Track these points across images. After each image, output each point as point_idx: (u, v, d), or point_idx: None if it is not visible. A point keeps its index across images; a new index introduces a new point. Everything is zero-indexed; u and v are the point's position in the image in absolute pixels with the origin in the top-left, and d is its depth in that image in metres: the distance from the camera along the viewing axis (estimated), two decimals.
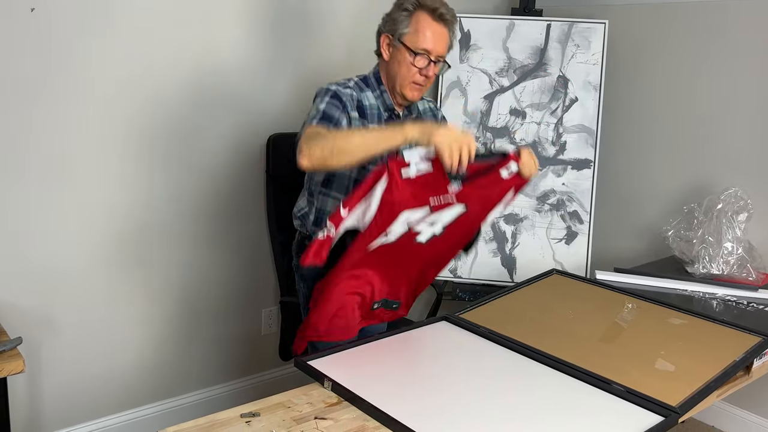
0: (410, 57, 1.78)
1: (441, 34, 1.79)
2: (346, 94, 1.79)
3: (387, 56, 1.84)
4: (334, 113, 1.75)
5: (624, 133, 3.09)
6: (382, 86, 1.87)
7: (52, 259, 2.23)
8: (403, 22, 1.78)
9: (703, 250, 2.49)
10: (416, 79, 1.80)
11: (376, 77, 1.89)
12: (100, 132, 2.24)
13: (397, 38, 1.79)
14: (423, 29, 1.77)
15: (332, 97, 1.78)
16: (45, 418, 2.32)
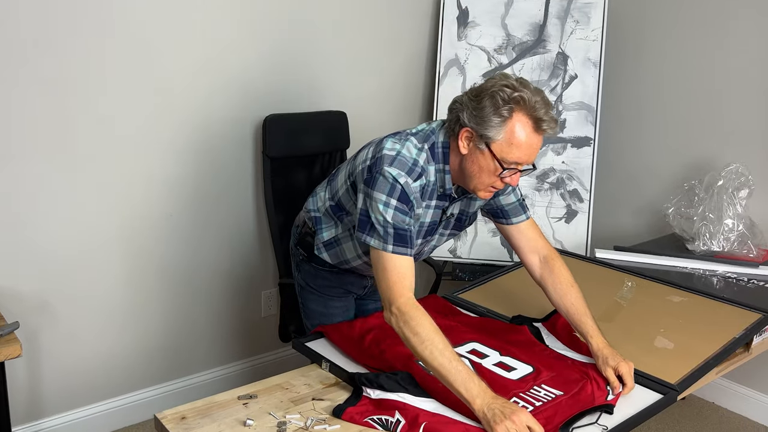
0: (497, 168, 1.49)
1: (537, 145, 1.49)
2: (414, 194, 1.52)
3: (464, 151, 1.52)
4: (404, 228, 1.51)
5: (624, 109, 3.06)
6: (447, 165, 1.57)
7: (50, 244, 2.22)
8: (496, 128, 1.46)
9: (703, 227, 2.48)
10: (496, 186, 1.54)
11: (444, 151, 1.57)
12: (96, 117, 2.22)
13: (484, 142, 1.48)
14: (519, 142, 1.46)
15: (401, 197, 1.50)
16: (45, 402, 2.32)
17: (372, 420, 1.36)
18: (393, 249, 1.50)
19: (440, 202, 1.63)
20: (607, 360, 1.54)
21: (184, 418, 1.36)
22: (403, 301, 1.46)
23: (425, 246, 1.74)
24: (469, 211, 1.73)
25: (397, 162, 1.53)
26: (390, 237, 1.50)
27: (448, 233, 1.76)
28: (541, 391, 1.47)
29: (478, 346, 1.65)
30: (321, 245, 1.80)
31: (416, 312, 1.44)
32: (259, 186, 2.65)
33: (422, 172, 1.55)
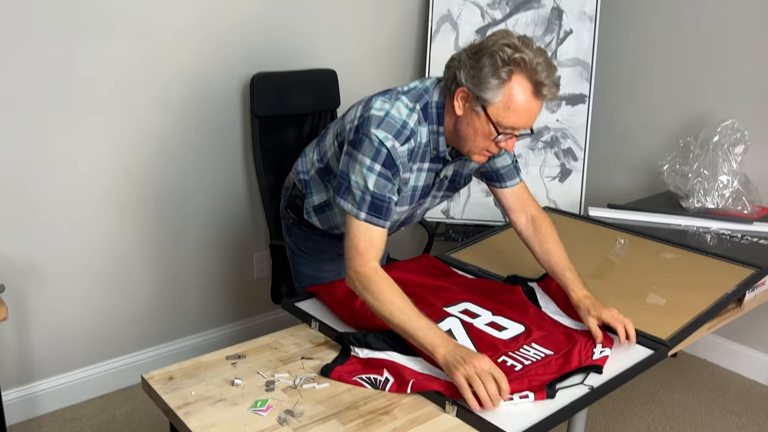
0: (492, 132, 1.44)
1: (536, 110, 1.43)
2: (401, 158, 1.48)
3: (460, 112, 1.46)
4: (384, 197, 1.47)
5: (620, 66, 3.01)
6: (441, 126, 1.52)
7: (35, 207, 2.19)
8: (493, 90, 1.39)
9: (698, 184, 2.45)
10: (491, 149, 1.48)
11: (438, 112, 1.52)
12: (77, 78, 2.17)
13: (480, 104, 1.42)
14: (516, 107, 1.39)
15: (386, 163, 1.46)
16: (35, 366, 2.32)
17: (360, 379, 1.35)
18: (366, 217, 1.47)
19: (433, 164, 1.59)
20: (588, 310, 1.53)
21: (171, 379, 1.35)
22: (365, 268, 1.44)
23: (417, 209, 1.71)
24: (463, 173, 1.69)
25: (385, 124, 1.47)
26: (365, 204, 1.46)
27: (441, 195, 1.73)
28: (530, 351, 1.47)
29: (470, 306, 1.64)
30: (311, 209, 1.77)
31: (377, 276, 1.43)
32: (248, 146, 2.61)
33: (411, 135, 1.49)
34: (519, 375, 1.37)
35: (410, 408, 1.28)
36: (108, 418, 2.35)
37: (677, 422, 2.45)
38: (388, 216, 1.49)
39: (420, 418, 1.26)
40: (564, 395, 1.32)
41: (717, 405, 2.56)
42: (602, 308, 1.53)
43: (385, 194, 1.47)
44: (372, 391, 1.33)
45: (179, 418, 1.23)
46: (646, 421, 2.45)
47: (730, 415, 2.50)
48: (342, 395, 1.32)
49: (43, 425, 2.30)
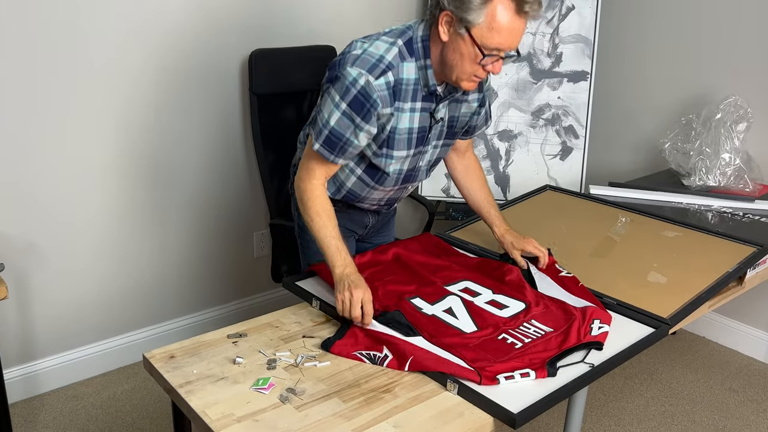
0: (477, 54, 1.42)
1: (520, 30, 1.41)
2: (378, 92, 1.47)
3: (445, 37, 1.44)
4: (342, 136, 1.50)
5: (622, 42, 2.97)
6: (428, 59, 1.50)
7: (34, 186, 2.18)
8: (476, 11, 1.37)
9: (699, 162, 2.44)
10: (479, 74, 1.47)
11: (424, 45, 1.50)
12: (76, 56, 2.14)
13: (464, 26, 1.40)
14: (500, 26, 1.38)
15: (353, 102, 1.47)
16: (36, 344, 2.33)
17: (360, 354, 1.36)
18: (318, 148, 1.54)
19: (426, 103, 1.56)
20: (513, 243, 1.72)
21: (172, 357, 1.35)
22: (305, 184, 1.58)
23: (419, 160, 1.68)
24: (457, 116, 1.67)
25: (360, 60, 1.48)
26: (322, 137, 1.53)
27: (441, 144, 1.70)
28: (530, 328, 1.47)
29: (470, 285, 1.64)
30: None
31: (314, 192, 1.57)
32: (248, 124, 2.59)
33: (388, 68, 1.48)
34: (519, 352, 1.37)
35: (411, 386, 1.29)
36: (109, 396, 2.36)
37: (676, 399, 2.47)
38: (340, 154, 1.55)
39: (421, 396, 1.26)
40: (565, 373, 1.32)
41: (715, 382, 2.58)
42: (523, 240, 1.72)
43: (344, 133, 1.51)
44: (373, 369, 1.33)
45: (181, 397, 1.23)
46: (644, 398, 2.47)
47: (729, 392, 2.52)
48: (343, 373, 1.32)
49: (45, 403, 2.31)
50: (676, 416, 2.37)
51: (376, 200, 1.76)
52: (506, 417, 1.20)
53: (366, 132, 1.52)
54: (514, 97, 2.84)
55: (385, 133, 1.55)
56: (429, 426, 1.18)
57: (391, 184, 1.70)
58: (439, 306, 1.54)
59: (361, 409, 1.22)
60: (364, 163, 1.64)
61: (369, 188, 1.69)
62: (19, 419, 2.22)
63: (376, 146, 1.58)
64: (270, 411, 1.20)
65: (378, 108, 1.48)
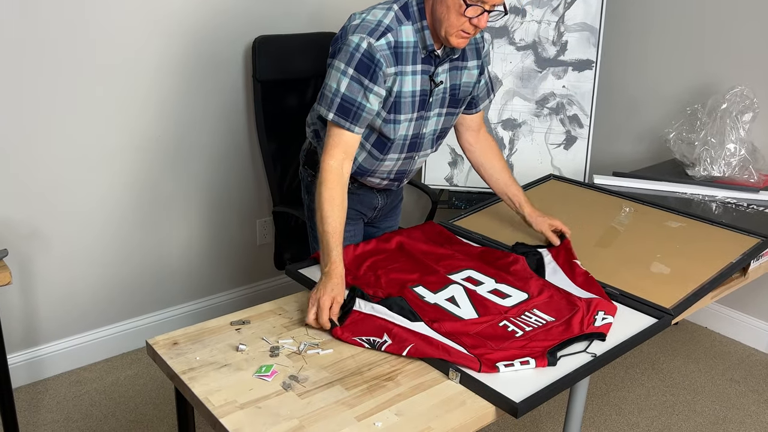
0: (461, 5, 1.47)
1: None
2: (381, 51, 1.51)
3: None
4: (354, 100, 1.53)
5: (628, 31, 2.95)
6: (424, 21, 1.56)
7: (39, 172, 2.18)
8: None
9: (704, 152, 2.43)
10: (465, 28, 1.51)
11: (419, 8, 1.57)
12: (82, 41, 2.13)
13: None
14: None
15: (359, 66, 1.51)
16: (40, 329, 2.34)
17: (360, 339, 1.36)
18: (333, 118, 1.55)
19: (426, 66, 1.61)
20: (544, 220, 1.80)
21: (175, 344, 1.35)
22: (326, 165, 1.55)
23: (423, 127, 1.69)
24: (459, 84, 1.71)
25: (359, 28, 1.54)
26: (334, 106, 1.54)
27: (445, 113, 1.72)
28: (531, 317, 1.47)
29: (473, 274, 1.64)
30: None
31: (330, 176, 1.54)
32: (251, 111, 2.58)
33: (387, 30, 1.53)
34: (520, 341, 1.37)
35: (414, 374, 1.29)
36: (112, 382, 2.37)
37: (677, 389, 2.47)
38: (356, 120, 1.55)
39: (423, 384, 1.26)
40: (567, 363, 1.32)
41: (717, 372, 2.58)
42: (552, 218, 1.80)
43: (355, 98, 1.53)
44: (376, 358, 1.34)
45: (184, 383, 1.24)
46: (646, 387, 2.47)
47: (730, 383, 2.52)
48: (346, 361, 1.32)
49: (48, 388, 2.33)
50: (677, 406, 2.38)
51: (385, 173, 1.77)
52: (508, 406, 1.20)
53: (375, 94, 1.55)
54: (519, 86, 2.83)
55: (392, 97, 1.58)
56: (431, 414, 1.18)
57: (397, 151, 1.71)
58: (441, 294, 1.54)
59: (364, 397, 1.22)
60: (373, 136, 1.66)
61: (378, 161, 1.71)
62: (23, 403, 2.23)
63: (385, 112, 1.60)
64: (273, 398, 1.20)
65: (383, 67, 1.53)
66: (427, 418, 1.17)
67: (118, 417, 2.20)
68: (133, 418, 2.20)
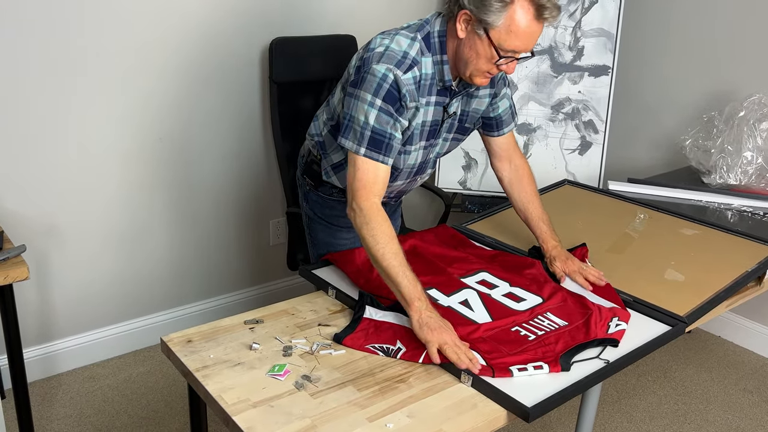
0: (493, 55, 1.43)
1: (537, 34, 1.43)
2: (407, 86, 1.47)
3: (462, 35, 1.46)
4: (384, 132, 1.47)
5: (645, 37, 2.94)
6: (444, 55, 1.52)
7: (56, 169, 2.20)
8: (495, 13, 1.38)
9: (721, 160, 2.41)
10: (491, 72, 1.49)
11: (440, 41, 1.52)
12: (97, 40, 2.16)
13: (483, 27, 1.42)
14: (518, 30, 1.39)
15: (387, 97, 1.46)
16: (55, 325, 2.36)
17: (373, 347, 1.36)
18: (365, 152, 1.48)
19: (440, 98, 1.58)
20: (556, 258, 1.67)
21: (190, 342, 1.37)
22: (368, 204, 1.47)
23: (430, 153, 1.69)
24: (468, 110, 1.68)
25: (386, 57, 1.48)
26: (365, 140, 1.47)
27: (451, 137, 1.72)
28: (544, 321, 1.47)
29: (487, 277, 1.64)
30: (329, 169, 1.76)
31: (378, 216, 1.46)
32: (267, 112, 2.60)
33: (414, 63, 1.49)
34: (532, 345, 1.37)
35: (426, 377, 1.29)
36: (125, 378, 2.39)
37: (689, 398, 2.45)
38: (388, 152, 1.49)
39: (435, 387, 1.27)
40: (580, 368, 1.32)
41: (730, 382, 2.56)
42: (568, 259, 1.67)
43: (386, 129, 1.48)
44: (388, 359, 1.34)
45: (198, 381, 1.25)
46: (657, 396, 2.46)
47: (743, 393, 2.50)
48: (358, 362, 1.33)
49: (62, 383, 2.35)
50: (688, 415, 2.36)
51: (386, 192, 1.76)
52: (520, 410, 1.20)
53: (401, 125, 1.51)
54: (534, 91, 2.82)
55: (408, 130, 1.55)
56: (443, 417, 1.19)
57: (403, 178, 1.71)
58: (455, 298, 1.54)
59: (376, 398, 1.22)
60: None
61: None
62: (37, 398, 2.26)
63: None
64: (285, 397, 1.21)
65: (407, 101, 1.49)
66: (439, 421, 1.18)
67: (130, 413, 2.22)
68: (145, 414, 2.22)
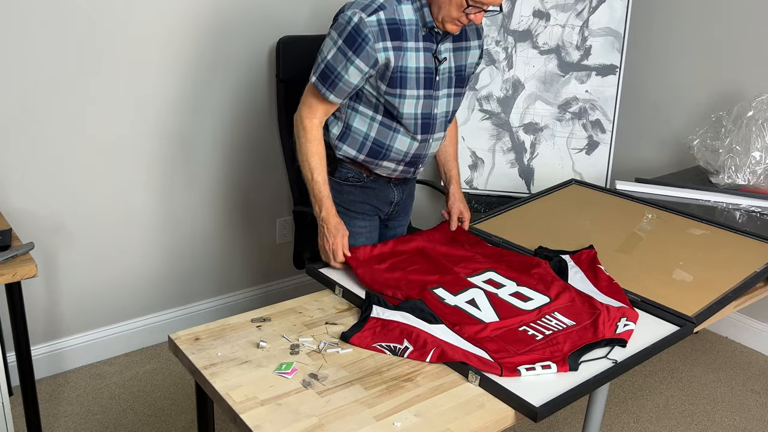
0: (463, 4, 1.57)
1: None
2: (369, 27, 1.59)
3: None
4: (334, 69, 1.63)
5: (653, 36, 2.93)
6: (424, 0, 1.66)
7: (65, 167, 2.21)
8: None
9: (729, 160, 2.40)
10: (461, 20, 1.62)
11: None
12: (106, 39, 2.16)
13: None
14: None
15: (347, 38, 1.61)
16: (63, 322, 2.37)
17: (380, 346, 1.36)
18: (314, 81, 1.67)
19: (427, 43, 1.69)
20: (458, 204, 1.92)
21: (197, 339, 1.37)
22: (308, 122, 1.71)
23: (433, 107, 1.74)
24: (464, 64, 1.79)
25: (356, 3, 1.63)
26: (318, 71, 1.66)
27: (454, 93, 1.79)
28: (552, 321, 1.46)
29: (494, 276, 1.64)
30: (337, 142, 1.81)
31: (312, 134, 1.71)
32: (274, 111, 2.60)
33: (381, 8, 1.61)
34: (540, 344, 1.37)
35: (433, 376, 1.29)
36: (132, 376, 2.40)
37: (696, 398, 2.44)
38: (332, 88, 1.65)
39: (443, 386, 1.27)
40: (587, 368, 1.32)
41: (737, 383, 2.55)
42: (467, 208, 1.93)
43: (336, 67, 1.63)
44: (395, 358, 1.34)
45: (205, 378, 1.25)
46: (664, 396, 2.45)
47: (750, 393, 2.49)
48: (365, 360, 1.33)
49: (69, 380, 2.36)
50: (695, 416, 2.35)
51: (401, 153, 1.78)
52: (528, 410, 1.20)
53: (356, 68, 1.62)
54: (541, 90, 2.82)
55: (390, 71, 1.65)
56: (450, 416, 1.19)
57: (411, 131, 1.75)
58: (461, 297, 1.54)
59: (383, 397, 1.22)
60: (380, 110, 1.72)
61: (392, 132, 1.75)
62: (44, 395, 2.27)
63: (386, 85, 1.67)
64: (293, 395, 1.21)
65: (369, 43, 1.60)
66: (446, 420, 1.17)
67: (136, 411, 2.23)
68: (151, 412, 2.23)
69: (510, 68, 2.81)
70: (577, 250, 1.76)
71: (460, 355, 1.31)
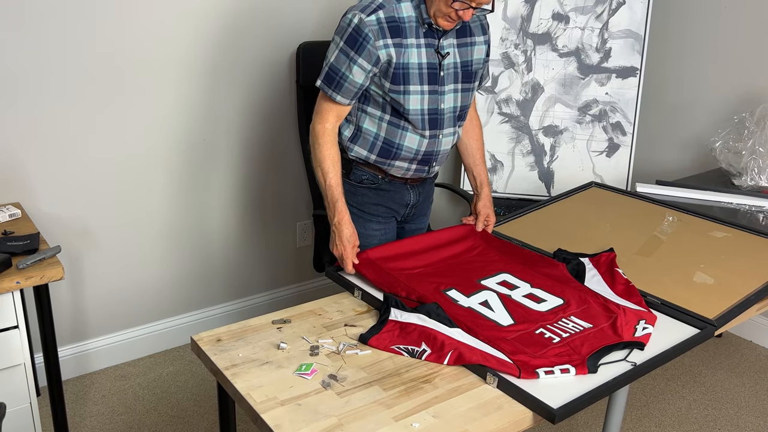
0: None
1: None
2: (369, 26, 1.63)
3: None
4: (338, 70, 1.67)
5: (673, 37, 2.91)
6: None
7: (90, 172, 2.26)
8: None
9: (752, 162, 2.38)
10: (451, 16, 1.65)
11: None
12: (134, 45, 2.21)
13: None
14: None
15: (348, 39, 1.65)
16: (89, 324, 2.42)
17: (398, 348, 1.37)
18: (320, 84, 1.72)
19: (429, 39, 1.71)
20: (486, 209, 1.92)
21: (219, 341, 1.39)
22: (320, 127, 1.73)
23: (440, 102, 1.76)
24: (470, 60, 1.80)
25: (356, 6, 1.67)
26: (323, 73, 1.71)
27: (461, 88, 1.80)
28: (569, 323, 1.46)
29: (508, 278, 1.64)
30: (349, 144, 1.83)
31: (323, 138, 1.73)
32: (294, 116, 2.63)
33: (380, 7, 1.65)
34: (557, 347, 1.37)
35: (451, 377, 1.30)
36: (155, 377, 2.44)
37: (719, 403, 2.42)
38: (338, 89, 1.70)
39: (461, 387, 1.27)
40: (606, 371, 1.32)
41: (761, 387, 2.52)
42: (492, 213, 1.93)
43: (340, 68, 1.67)
44: (413, 360, 1.35)
45: (227, 379, 1.27)
46: (687, 400, 2.43)
47: None
48: (384, 362, 1.34)
49: (95, 381, 2.40)
50: (719, 420, 2.33)
51: (412, 151, 1.80)
52: (546, 412, 1.20)
53: (359, 66, 1.66)
54: (561, 93, 2.81)
55: (392, 68, 1.67)
56: (468, 417, 1.19)
57: (419, 127, 1.76)
58: (474, 298, 1.55)
59: (401, 398, 1.23)
60: (388, 109, 1.75)
61: (401, 130, 1.77)
62: (71, 395, 2.31)
63: (389, 83, 1.69)
64: (312, 396, 1.23)
65: (370, 41, 1.63)
66: (464, 421, 1.18)
67: (160, 411, 2.26)
68: (174, 413, 2.26)
69: (529, 71, 2.81)
70: (597, 253, 1.75)
71: (478, 356, 1.32)
